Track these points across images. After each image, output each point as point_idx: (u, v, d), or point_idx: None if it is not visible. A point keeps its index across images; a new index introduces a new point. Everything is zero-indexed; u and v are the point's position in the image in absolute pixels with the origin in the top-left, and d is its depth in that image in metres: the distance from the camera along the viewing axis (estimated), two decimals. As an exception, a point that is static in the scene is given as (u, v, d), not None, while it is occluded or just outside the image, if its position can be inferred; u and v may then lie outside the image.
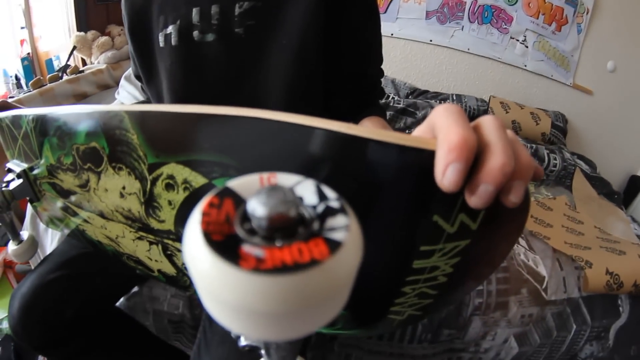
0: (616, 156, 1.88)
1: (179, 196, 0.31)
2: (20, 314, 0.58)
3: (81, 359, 0.63)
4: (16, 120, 0.46)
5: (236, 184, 0.14)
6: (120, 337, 0.68)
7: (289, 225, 0.12)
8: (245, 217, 0.13)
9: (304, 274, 0.11)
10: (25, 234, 0.59)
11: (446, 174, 0.19)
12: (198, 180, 0.28)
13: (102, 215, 0.43)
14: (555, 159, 1.40)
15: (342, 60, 0.57)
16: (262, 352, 0.21)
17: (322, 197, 0.14)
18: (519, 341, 0.81)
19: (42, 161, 0.46)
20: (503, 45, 1.78)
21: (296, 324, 0.12)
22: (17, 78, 1.69)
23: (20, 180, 0.51)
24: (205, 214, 0.13)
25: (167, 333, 0.81)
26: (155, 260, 0.42)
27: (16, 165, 0.52)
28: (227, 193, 0.14)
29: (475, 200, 0.20)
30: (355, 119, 0.56)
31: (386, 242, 0.24)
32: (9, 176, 0.52)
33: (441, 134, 0.20)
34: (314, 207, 0.14)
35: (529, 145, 1.40)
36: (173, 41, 0.55)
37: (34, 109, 0.43)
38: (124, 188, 0.36)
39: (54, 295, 0.59)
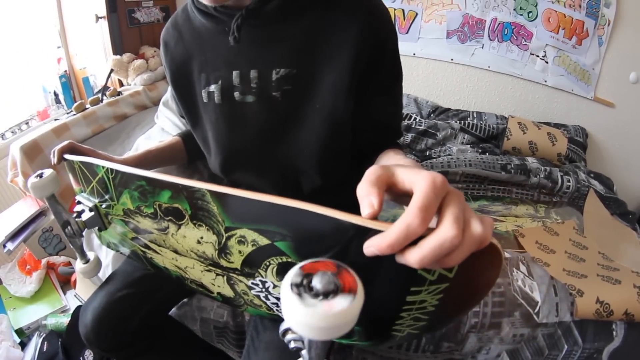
0: (637, 171, 1.86)
1: (248, 249, 0.38)
2: (93, 324, 0.69)
3: (140, 357, 0.77)
4: (90, 167, 0.51)
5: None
6: (172, 339, 0.82)
7: (330, 292, 0.24)
8: (311, 284, 0.25)
9: (333, 315, 0.23)
10: (91, 254, 0.67)
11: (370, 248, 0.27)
12: (264, 241, 0.36)
13: (175, 251, 0.49)
14: (569, 180, 1.42)
15: (369, 115, 0.62)
16: (304, 352, 0.33)
17: None
18: (511, 356, 0.90)
19: (118, 204, 0.50)
20: (523, 62, 1.81)
21: (331, 332, 0.24)
22: (55, 94, 1.80)
23: (92, 213, 0.56)
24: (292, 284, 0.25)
25: (212, 336, 0.95)
26: (218, 286, 0.50)
27: (86, 199, 0.57)
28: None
29: (413, 260, 0.26)
30: (375, 156, 0.62)
31: (388, 284, 0.34)
32: (79, 207, 0.58)
33: (398, 222, 0.26)
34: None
35: (543, 167, 1.44)
36: (216, 99, 0.61)
37: (109, 163, 0.47)
38: (201, 237, 0.42)
39: (121, 310, 0.70)
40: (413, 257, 0.26)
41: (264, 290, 0.44)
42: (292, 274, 0.25)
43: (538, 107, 1.89)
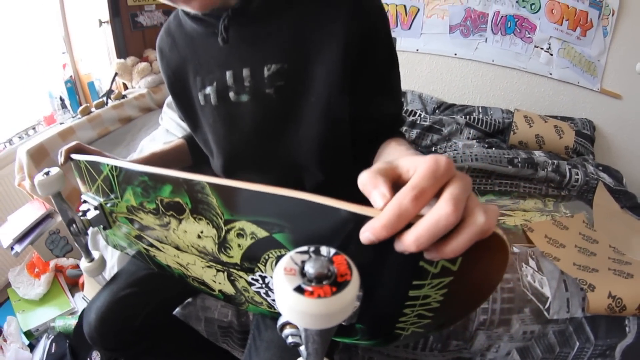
0: (646, 163, 1.82)
1: (247, 242, 0.39)
2: (96, 323, 0.69)
3: (145, 357, 0.77)
4: (95, 165, 0.52)
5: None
6: (176, 339, 0.82)
7: (323, 277, 0.23)
8: (304, 269, 0.24)
9: (325, 301, 0.22)
10: (96, 253, 0.67)
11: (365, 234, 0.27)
12: (262, 233, 0.36)
13: (177, 248, 0.49)
14: (577, 174, 1.40)
15: (367, 104, 0.61)
16: (302, 348, 0.31)
17: None
18: (521, 354, 0.88)
19: (122, 201, 0.51)
20: (527, 55, 1.79)
21: (324, 320, 0.23)
22: (61, 99, 1.83)
23: (97, 212, 0.57)
24: (286, 268, 0.24)
25: (216, 336, 0.94)
26: (219, 283, 0.50)
27: (91, 198, 0.58)
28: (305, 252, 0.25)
29: (408, 241, 0.25)
30: (377, 147, 0.61)
31: (388, 277, 0.33)
32: (85, 206, 0.59)
33: (394, 200, 0.26)
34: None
35: (551, 161, 1.42)
36: (212, 101, 0.62)
37: (114, 160, 0.49)
38: (201, 232, 0.42)
39: (125, 309, 0.70)
40: (409, 238, 0.26)
41: (264, 286, 0.43)
42: (286, 259, 0.25)
43: (544, 101, 1.86)
